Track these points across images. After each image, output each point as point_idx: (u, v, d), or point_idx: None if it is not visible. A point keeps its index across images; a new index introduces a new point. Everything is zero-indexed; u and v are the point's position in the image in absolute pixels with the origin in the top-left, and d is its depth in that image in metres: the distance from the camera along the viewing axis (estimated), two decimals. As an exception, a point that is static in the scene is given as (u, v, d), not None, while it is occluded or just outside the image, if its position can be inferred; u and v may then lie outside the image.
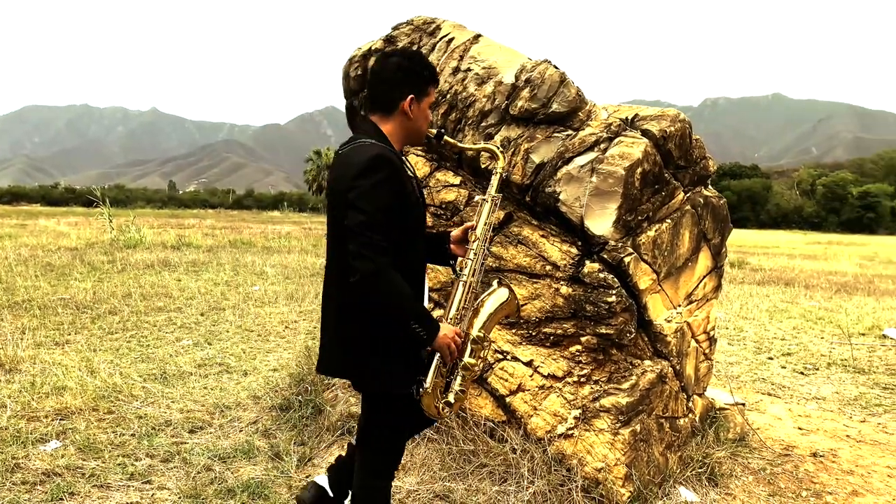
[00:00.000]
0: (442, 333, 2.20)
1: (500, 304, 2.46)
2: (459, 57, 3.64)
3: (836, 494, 3.51)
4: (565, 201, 3.17)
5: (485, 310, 2.42)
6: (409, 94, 2.28)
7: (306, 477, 3.43)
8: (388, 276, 2.06)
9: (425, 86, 2.33)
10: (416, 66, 2.31)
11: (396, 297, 2.11)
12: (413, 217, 2.27)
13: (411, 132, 2.37)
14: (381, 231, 2.06)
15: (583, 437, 3.23)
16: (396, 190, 2.15)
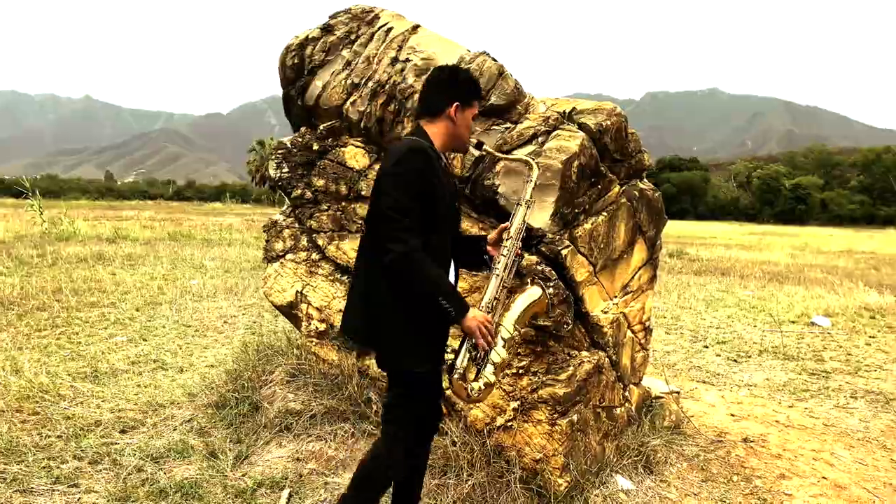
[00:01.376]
0: (471, 315, 2.30)
1: (532, 301, 2.52)
2: (398, 47, 3.60)
3: (765, 478, 3.63)
4: (504, 194, 3.17)
5: (516, 306, 2.49)
6: (455, 101, 2.45)
7: (242, 475, 3.37)
8: (419, 255, 2.22)
9: (470, 97, 2.51)
10: (464, 78, 2.54)
11: (427, 274, 2.25)
12: (441, 210, 2.39)
13: (454, 137, 2.52)
14: (412, 216, 2.24)
15: (521, 429, 3.25)
16: (427, 180, 2.31)
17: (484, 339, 2.33)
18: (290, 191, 4.21)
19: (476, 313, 2.32)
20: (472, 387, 2.38)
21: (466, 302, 2.34)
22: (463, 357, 2.38)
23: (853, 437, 4.25)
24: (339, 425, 3.72)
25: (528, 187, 2.62)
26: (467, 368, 2.38)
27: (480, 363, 2.40)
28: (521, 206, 2.59)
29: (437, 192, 2.35)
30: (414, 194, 2.27)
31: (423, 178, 2.31)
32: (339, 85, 3.80)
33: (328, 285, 4.02)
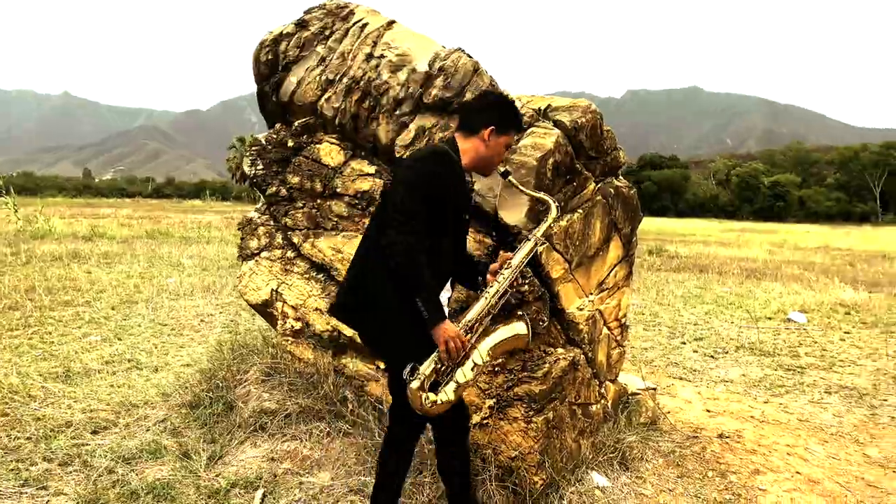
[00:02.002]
0: (444, 327, 2.29)
1: (514, 335, 2.52)
2: (373, 43, 3.57)
3: (740, 474, 3.65)
4: (479, 191, 3.16)
5: (496, 335, 2.48)
6: (491, 125, 2.50)
7: (216, 476, 3.33)
8: (412, 249, 2.27)
9: (508, 125, 2.55)
10: (508, 106, 2.57)
11: (414, 269, 2.28)
12: (450, 217, 2.44)
13: (482, 159, 2.56)
14: (418, 213, 2.30)
15: (497, 426, 3.24)
16: (442, 185, 2.38)
17: (449, 353, 2.31)
18: (264, 188, 4.17)
19: (449, 326, 2.31)
20: (427, 396, 2.35)
21: (444, 313, 2.34)
22: (428, 365, 2.36)
23: (827, 432, 4.30)
24: (315, 424, 3.69)
25: (542, 226, 2.64)
26: (428, 377, 2.35)
27: (444, 377, 2.38)
28: (528, 241, 2.60)
29: (449, 201, 2.41)
30: (425, 195, 2.33)
31: (438, 181, 2.37)
32: (313, 81, 3.77)
33: (304, 283, 3.98)
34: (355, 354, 3.83)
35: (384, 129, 3.44)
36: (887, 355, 6.29)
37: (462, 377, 2.39)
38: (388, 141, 3.43)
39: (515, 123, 2.60)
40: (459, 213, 2.53)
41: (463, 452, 2.71)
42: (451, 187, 2.42)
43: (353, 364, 3.83)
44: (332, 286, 3.87)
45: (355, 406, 3.74)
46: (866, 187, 78.10)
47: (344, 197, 3.73)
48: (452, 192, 2.43)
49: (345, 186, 3.69)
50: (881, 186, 76.40)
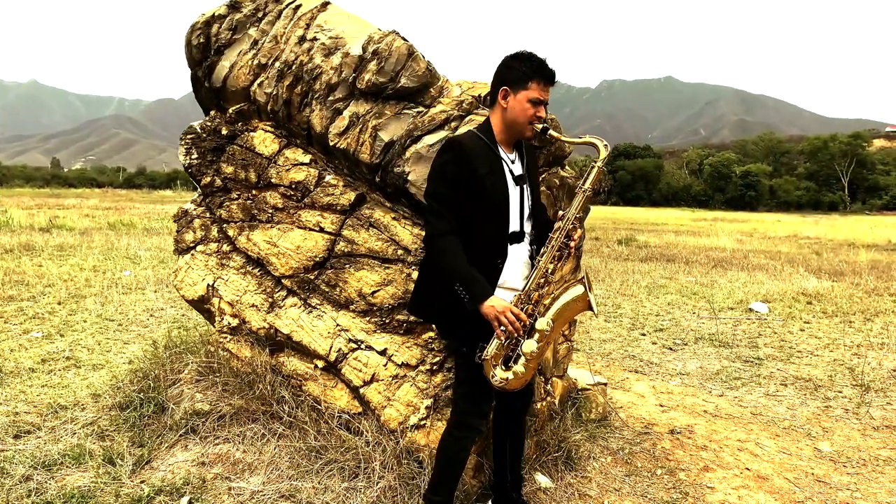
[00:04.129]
0: (489, 304, 2.33)
1: (573, 297, 2.48)
2: (306, 25, 3.39)
3: (689, 471, 3.57)
4: (414, 182, 3.01)
5: (558, 301, 2.46)
6: (502, 87, 2.46)
7: (140, 482, 3.15)
8: (442, 239, 2.39)
9: (521, 79, 2.43)
10: (513, 60, 2.47)
11: (446, 258, 2.39)
12: (483, 200, 2.44)
13: (510, 124, 2.50)
14: (445, 202, 2.40)
15: (435, 428, 3.10)
16: (460, 171, 2.41)
17: (505, 327, 2.33)
18: (199, 178, 3.98)
19: (496, 301, 2.34)
20: (495, 374, 2.41)
21: (488, 289, 2.37)
22: (491, 344, 2.41)
23: (779, 426, 4.23)
24: (249, 426, 3.53)
25: (591, 175, 2.54)
26: (495, 356, 2.41)
27: (511, 352, 2.41)
28: (578, 195, 2.52)
29: (476, 185, 2.42)
30: (447, 184, 2.41)
31: (456, 170, 2.41)
32: (245, 66, 3.58)
33: (239, 279, 3.81)
34: (293, 353, 3.66)
35: (318, 115, 3.27)
36: (844, 346, 6.28)
37: (528, 349, 2.38)
38: (322, 128, 3.26)
39: (530, 72, 2.44)
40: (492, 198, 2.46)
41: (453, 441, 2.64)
42: (479, 173, 2.42)
43: (290, 363, 3.67)
44: (268, 281, 3.70)
45: (292, 407, 3.58)
46: (835, 177, 79.38)
47: (279, 187, 3.56)
48: (483, 177, 2.42)
49: (279, 176, 3.52)
50: (849, 176, 77.70)
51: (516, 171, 2.58)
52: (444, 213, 2.41)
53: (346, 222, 3.29)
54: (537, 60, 2.46)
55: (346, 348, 3.37)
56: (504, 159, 2.53)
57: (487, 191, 2.45)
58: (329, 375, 3.51)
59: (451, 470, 2.66)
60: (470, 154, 2.44)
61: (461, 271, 2.37)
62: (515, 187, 2.55)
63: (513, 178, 2.55)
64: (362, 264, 3.25)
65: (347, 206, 3.29)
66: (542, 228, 2.67)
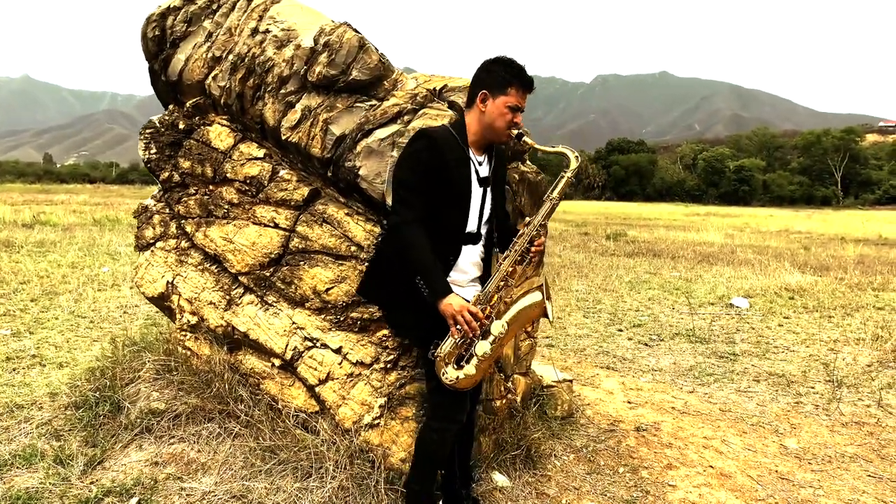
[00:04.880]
0: (447, 301, 2.33)
1: (531, 303, 2.47)
2: (259, 17, 3.33)
3: (652, 469, 3.53)
4: (365, 177, 2.95)
5: (514, 305, 2.45)
6: (481, 90, 2.46)
7: (90, 483, 3.09)
8: (407, 229, 2.37)
9: (501, 85, 2.44)
10: (494, 64, 2.47)
11: (412, 249, 2.37)
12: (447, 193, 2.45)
13: (486, 127, 2.50)
14: (413, 190, 2.39)
15: (389, 427, 3.06)
16: (429, 162, 2.40)
17: (461, 326, 2.33)
18: (158, 173, 3.92)
19: (455, 300, 2.34)
20: (446, 372, 2.40)
21: (448, 287, 2.38)
22: (445, 341, 2.42)
23: (747, 423, 4.20)
24: (205, 426, 3.48)
25: (560, 184, 2.52)
26: (449, 353, 2.40)
27: (464, 352, 2.40)
28: (546, 203, 2.51)
29: (443, 176, 2.42)
30: (417, 173, 2.40)
31: (426, 158, 2.40)
32: (200, 59, 3.51)
33: (198, 275, 3.75)
34: (251, 351, 3.61)
35: (270, 109, 3.21)
36: (821, 341, 6.25)
37: (481, 350, 2.38)
38: (274, 122, 3.20)
39: (511, 79, 2.45)
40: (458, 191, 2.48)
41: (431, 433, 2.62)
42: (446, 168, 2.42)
43: (248, 361, 3.61)
44: (225, 278, 3.64)
45: (250, 406, 3.53)
46: (828, 171, 79.54)
47: (234, 182, 3.49)
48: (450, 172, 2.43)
49: (234, 171, 3.46)
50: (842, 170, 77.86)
51: (482, 173, 2.58)
52: (412, 201, 2.40)
53: (301, 218, 3.23)
54: (517, 67, 2.48)
55: (301, 346, 3.31)
56: (472, 159, 2.54)
57: (452, 185, 2.47)
58: (286, 374, 3.46)
59: (430, 463, 2.67)
60: (440, 143, 2.44)
61: (426, 264, 2.37)
62: (479, 188, 2.58)
63: (478, 179, 2.56)
64: (316, 261, 3.19)
65: (301, 202, 3.23)
66: (504, 234, 2.67)
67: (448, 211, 2.49)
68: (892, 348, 5.84)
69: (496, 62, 2.49)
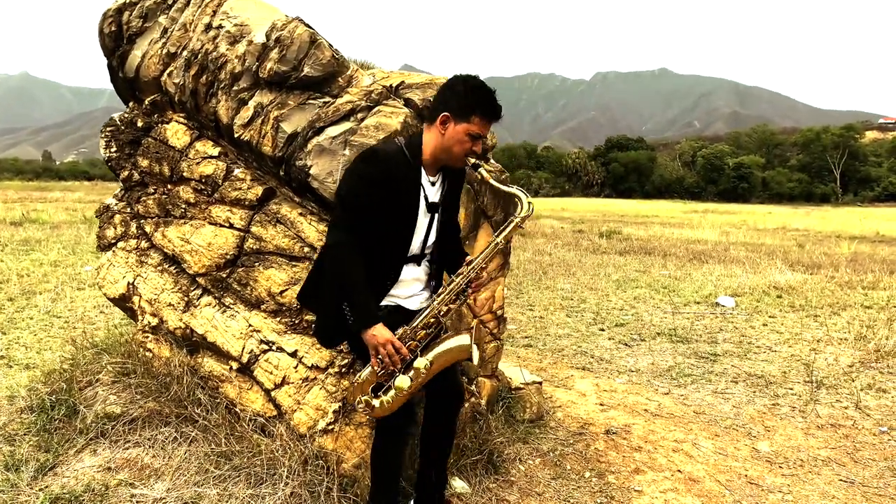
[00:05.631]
0: (372, 332, 2.26)
1: (458, 345, 2.41)
2: (213, 12, 3.25)
3: (619, 473, 3.46)
4: (316, 176, 2.87)
5: (442, 345, 2.39)
6: (444, 112, 2.33)
7: (39, 490, 3.02)
8: (342, 252, 2.28)
9: (465, 111, 2.32)
10: (464, 89, 2.34)
11: (341, 274, 2.29)
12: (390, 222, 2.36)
13: (442, 149, 2.38)
14: (353, 213, 2.30)
15: (343, 432, 2.99)
16: (378, 186, 2.29)
17: (382, 358, 2.28)
18: (118, 172, 3.85)
19: (381, 331, 2.26)
20: (359, 400, 2.38)
21: (376, 317, 2.29)
22: (365, 369, 2.37)
23: (720, 425, 4.12)
24: (161, 430, 3.40)
25: (508, 227, 2.44)
26: (367, 382, 2.36)
27: (386, 381, 2.35)
28: (490, 246, 2.43)
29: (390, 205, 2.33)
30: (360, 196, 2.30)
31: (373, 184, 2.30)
32: (156, 55, 3.44)
33: (158, 276, 3.68)
34: (210, 354, 3.54)
35: (224, 106, 3.13)
36: (805, 341, 6.17)
37: (401, 384, 2.31)
38: (228, 120, 3.13)
39: (475, 107, 2.32)
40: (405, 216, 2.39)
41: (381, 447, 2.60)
42: (384, 189, 2.31)
43: (207, 364, 3.54)
44: (183, 279, 3.57)
45: (208, 409, 3.46)
46: (827, 168, 79.39)
47: (191, 182, 3.42)
48: (384, 194, 2.31)
49: (190, 170, 3.38)
50: (841, 167, 77.73)
51: (431, 198, 2.48)
52: (352, 222, 2.31)
53: (255, 218, 3.16)
54: (485, 94, 2.35)
55: (257, 350, 3.24)
56: (423, 184, 2.44)
57: (397, 212, 2.38)
58: (245, 377, 3.39)
59: (384, 476, 2.63)
60: (387, 168, 2.33)
61: (354, 292, 2.29)
62: (426, 215, 2.47)
63: (426, 205, 2.46)
64: (271, 262, 3.12)
65: (255, 202, 3.15)
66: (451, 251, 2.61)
67: (391, 233, 2.41)
68: (875, 348, 5.77)
69: (465, 83, 2.36)
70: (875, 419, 4.29)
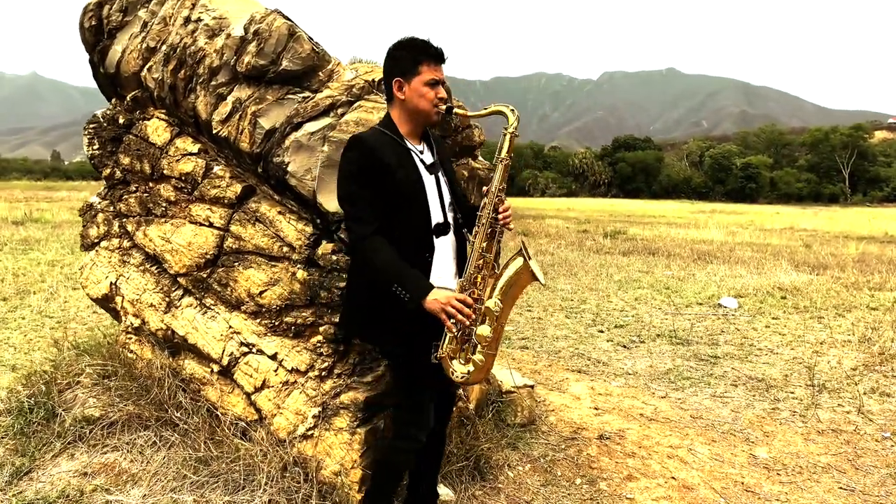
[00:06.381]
0: (432, 297, 2.21)
1: (515, 271, 2.33)
2: (192, 5, 3.16)
3: (611, 480, 3.36)
4: (294, 173, 2.78)
5: (501, 279, 2.33)
6: (394, 78, 2.35)
7: (13, 496, 2.94)
8: (369, 244, 2.25)
9: (412, 65, 2.33)
10: (397, 50, 2.36)
11: (377, 262, 2.25)
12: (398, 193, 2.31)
13: (412, 114, 2.39)
14: (361, 203, 2.26)
15: (323, 438, 2.89)
16: (368, 165, 2.27)
17: (455, 318, 2.20)
18: (101, 170, 3.77)
19: (440, 293, 2.22)
20: (455, 369, 2.28)
21: (428, 284, 2.25)
22: (444, 339, 2.28)
23: (718, 430, 4.01)
24: (140, 434, 3.32)
25: (505, 143, 2.38)
26: (451, 350, 2.28)
27: (465, 344, 2.28)
28: (499, 165, 2.38)
29: (390, 177, 2.29)
30: (358, 183, 2.27)
31: (363, 166, 2.27)
32: (136, 50, 3.35)
33: (140, 276, 3.60)
34: (191, 356, 3.45)
35: (203, 101, 3.04)
36: (808, 343, 6.04)
37: (483, 333, 2.26)
38: (207, 115, 3.04)
39: (419, 55, 2.33)
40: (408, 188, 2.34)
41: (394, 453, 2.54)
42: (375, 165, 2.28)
43: (189, 366, 3.45)
44: (165, 279, 3.49)
45: (190, 413, 3.37)
46: (836, 168, 78.85)
47: (171, 179, 3.34)
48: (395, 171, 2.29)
49: (171, 168, 3.30)
50: (850, 167, 77.19)
51: (427, 160, 2.46)
52: (362, 215, 2.27)
53: (234, 217, 3.07)
54: (420, 42, 2.36)
55: (238, 352, 3.16)
56: (412, 150, 2.42)
57: (400, 182, 2.33)
58: (226, 380, 3.30)
59: (389, 482, 2.60)
60: (375, 146, 2.31)
61: (396, 269, 2.24)
62: (430, 176, 2.45)
63: (425, 168, 2.43)
64: (250, 262, 3.03)
65: (234, 200, 3.07)
66: (467, 216, 2.54)
67: (407, 210, 2.36)
68: (880, 351, 5.64)
69: (398, 47, 2.38)
70: (878, 424, 4.17)
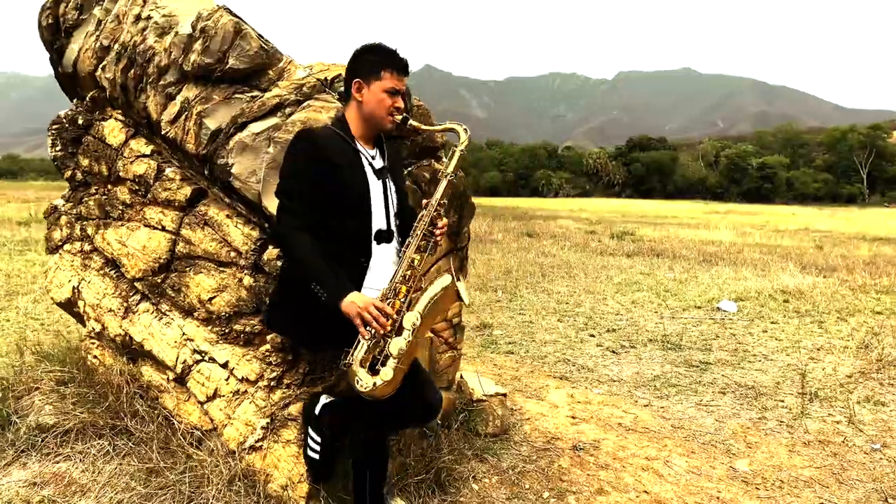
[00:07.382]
0: (349, 301, 2.15)
1: (441, 289, 2.26)
2: (143, 2, 3.07)
3: (580, 493, 3.22)
4: (238, 175, 2.69)
5: (426, 293, 2.27)
6: (354, 79, 2.34)
7: (-42, 507, 2.87)
8: (292, 237, 2.22)
9: (375, 69, 2.32)
10: (364, 52, 2.36)
11: (297, 255, 2.23)
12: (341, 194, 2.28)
13: (367, 117, 2.37)
14: (296, 197, 2.23)
15: (271, 450, 2.79)
16: (313, 161, 2.24)
17: (371, 325, 2.15)
18: (63, 171, 3.70)
19: (358, 297, 2.16)
20: (360, 379, 2.19)
21: (348, 286, 2.19)
22: (356, 346, 2.21)
23: (698, 441, 3.86)
24: (93, 442, 3.23)
25: (453, 159, 2.38)
26: (363, 359, 2.21)
27: (378, 354, 2.21)
28: (442, 181, 2.36)
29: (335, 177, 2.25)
30: (299, 178, 2.24)
31: (308, 161, 2.25)
32: (90, 48, 3.28)
33: (100, 280, 3.52)
34: (149, 362, 3.36)
35: (153, 101, 2.95)
36: (804, 349, 5.86)
37: (397, 346, 2.18)
38: (157, 116, 2.95)
39: (381, 61, 2.33)
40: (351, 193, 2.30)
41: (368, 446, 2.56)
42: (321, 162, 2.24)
43: (147, 373, 3.37)
44: (123, 284, 3.40)
45: (146, 421, 3.28)
46: (854, 168, 77.84)
47: (126, 182, 3.25)
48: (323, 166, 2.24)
49: (125, 169, 3.22)
50: (868, 167, 76.17)
51: (377, 165, 2.40)
52: (294, 208, 2.24)
53: (185, 220, 2.98)
54: (388, 50, 2.36)
55: (191, 360, 3.06)
56: (362, 152, 2.37)
57: (345, 183, 2.29)
58: (182, 388, 3.21)
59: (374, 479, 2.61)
60: (324, 144, 2.28)
61: (316, 266, 2.19)
62: (377, 181, 2.39)
63: (374, 172, 2.38)
64: (200, 267, 2.93)
65: (185, 203, 2.97)
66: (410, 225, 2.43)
67: (350, 213, 2.32)
68: (878, 357, 5.45)
69: (365, 50, 2.37)
70: (868, 435, 4.00)
